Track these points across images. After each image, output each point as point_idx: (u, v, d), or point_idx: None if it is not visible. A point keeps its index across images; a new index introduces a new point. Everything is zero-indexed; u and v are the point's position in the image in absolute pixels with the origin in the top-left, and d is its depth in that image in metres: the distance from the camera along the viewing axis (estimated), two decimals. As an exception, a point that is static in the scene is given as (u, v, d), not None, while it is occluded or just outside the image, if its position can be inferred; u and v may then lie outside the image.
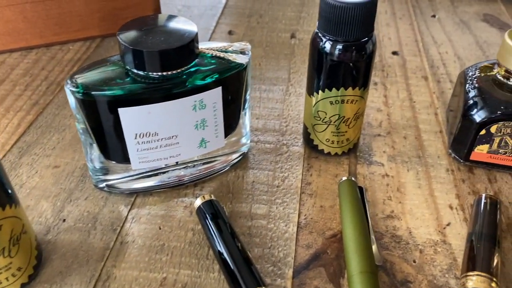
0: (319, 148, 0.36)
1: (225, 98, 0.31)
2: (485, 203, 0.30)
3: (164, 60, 0.27)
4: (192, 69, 0.29)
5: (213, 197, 0.30)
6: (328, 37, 0.31)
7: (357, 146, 0.37)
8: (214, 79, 0.29)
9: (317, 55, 0.32)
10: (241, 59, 0.30)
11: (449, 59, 0.48)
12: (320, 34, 0.31)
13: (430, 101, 0.42)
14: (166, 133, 0.30)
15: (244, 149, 0.36)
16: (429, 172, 0.35)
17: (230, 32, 0.53)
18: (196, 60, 0.29)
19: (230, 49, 0.31)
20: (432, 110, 0.41)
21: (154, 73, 0.28)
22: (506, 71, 0.33)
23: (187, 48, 0.27)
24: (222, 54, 0.30)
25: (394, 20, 0.56)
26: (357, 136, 0.36)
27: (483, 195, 0.31)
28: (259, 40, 0.51)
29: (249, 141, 0.36)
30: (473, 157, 0.35)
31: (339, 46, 0.31)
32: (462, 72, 0.37)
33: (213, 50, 0.30)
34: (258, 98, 0.42)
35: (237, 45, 0.31)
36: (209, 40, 0.51)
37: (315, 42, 0.32)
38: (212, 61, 0.30)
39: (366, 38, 0.31)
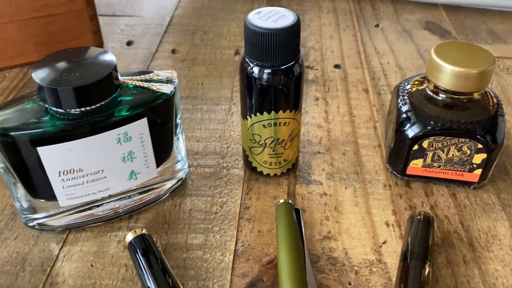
0: (258, 170, 0.36)
1: (153, 127, 0.30)
2: (418, 220, 0.31)
3: (80, 96, 0.26)
4: (115, 102, 0.28)
5: (144, 231, 0.30)
6: (255, 63, 0.31)
7: (296, 165, 0.37)
8: (137, 110, 0.28)
9: (246, 79, 0.31)
10: (166, 88, 0.29)
11: (390, 69, 0.49)
12: (247, 59, 0.31)
13: (370, 115, 0.43)
14: (91, 168, 0.29)
15: (182, 175, 0.35)
16: (367, 189, 0.35)
17: (173, 51, 0.52)
18: (118, 92, 0.29)
19: (155, 78, 0.30)
20: (371, 124, 0.42)
21: (73, 110, 0.27)
22: (435, 86, 0.33)
23: (104, 82, 0.27)
24: (146, 84, 0.29)
25: (338, 32, 0.56)
26: (294, 156, 0.36)
27: (416, 212, 0.31)
28: (202, 58, 0.51)
29: (186, 166, 0.35)
30: (409, 171, 0.35)
31: (267, 71, 0.31)
32: (396, 86, 0.37)
33: (136, 80, 0.29)
34: (200, 120, 0.42)
35: (163, 74, 0.31)
36: (151, 61, 0.50)
37: (243, 66, 0.32)
38: (135, 92, 0.29)
39: (293, 61, 0.31)
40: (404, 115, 0.34)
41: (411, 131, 0.33)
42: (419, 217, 0.31)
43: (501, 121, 0.33)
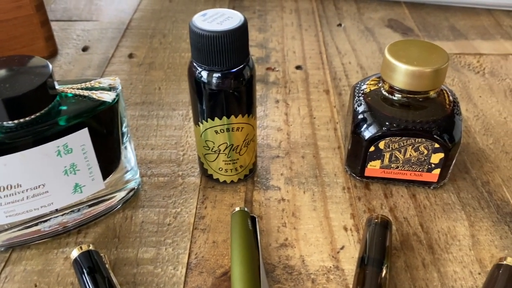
0: (214, 177, 0.35)
1: (97, 137, 0.29)
2: (375, 224, 0.30)
3: (11, 108, 0.25)
4: (54, 112, 0.27)
5: (91, 247, 0.28)
6: (203, 67, 0.29)
7: (254, 171, 0.36)
8: (76, 121, 0.27)
9: (195, 84, 0.30)
10: (107, 96, 0.28)
11: (351, 69, 0.48)
12: (195, 64, 0.30)
13: (330, 116, 0.42)
14: (31, 183, 0.27)
15: (133, 185, 0.34)
16: (325, 192, 0.34)
17: (130, 56, 0.50)
18: (57, 102, 0.27)
19: (97, 85, 0.29)
20: (331, 125, 0.41)
21: (5, 122, 0.25)
22: (390, 86, 0.33)
23: (37, 92, 0.25)
24: (86, 93, 0.28)
25: (300, 32, 0.55)
26: (251, 161, 0.35)
27: (373, 216, 0.30)
28: (160, 62, 0.49)
29: (137, 176, 0.34)
30: (367, 173, 0.34)
31: (216, 75, 0.29)
32: (353, 87, 0.37)
33: (76, 89, 0.28)
34: (155, 126, 0.41)
35: (105, 81, 0.29)
36: (107, 67, 0.48)
37: (191, 71, 0.30)
38: (73, 101, 0.27)
39: (243, 64, 0.30)
40: (360, 116, 0.33)
41: (367, 133, 0.32)
42: (376, 220, 0.30)
43: (458, 120, 0.33)
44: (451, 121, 0.32)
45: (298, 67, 0.49)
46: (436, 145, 0.32)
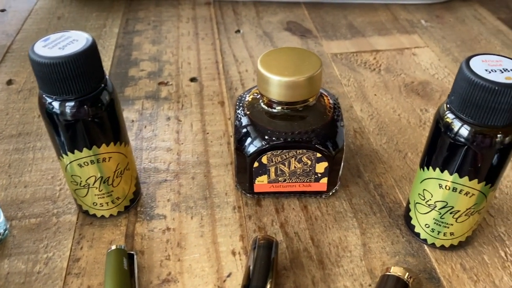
0: (91, 213, 0.32)
1: None
2: (259, 247, 0.28)
3: None
4: None
5: None
6: (53, 97, 0.26)
7: (136, 200, 0.33)
8: None
9: (47, 116, 0.27)
10: None
11: (248, 77, 0.47)
12: (44, 95, 0.27)
13: (224, 130, 0.40)
14: None
15: (-2, 233, 0.30)
16: (215, 215, 0.32)
17: (9, 82, 0.46)
18: None
19: None
20: (225, 140, 0.39)
21: None
22: (268, 99, 0.31)
23: None
24: None
25: (196, 42, 0.53)
26: (130, 191, 0.32)
27: (258, 237, 0.29)
28: (42, 86, 0.45)
29: (1, 220, 0.30)
30: (256, 189, 0.33)
31: (69, 104, 0.26)
32: (237, 99, 0.35)
33: None
34: (31, 160, 0.37)
35: None
36: (-20, 97, 0.44)
37: (41, 102, 0.27)
38: None
39: (99, 88, 0.27)
40: (241, 131, 0.31)
41: (249, 148, 0.31)
42: (261, 242, 0.28)
43: (339, 125, 0.32)
44: (331, 129, 0.31)
45: (192, 79, 0.47)
46: (318, 155, 0.31)
